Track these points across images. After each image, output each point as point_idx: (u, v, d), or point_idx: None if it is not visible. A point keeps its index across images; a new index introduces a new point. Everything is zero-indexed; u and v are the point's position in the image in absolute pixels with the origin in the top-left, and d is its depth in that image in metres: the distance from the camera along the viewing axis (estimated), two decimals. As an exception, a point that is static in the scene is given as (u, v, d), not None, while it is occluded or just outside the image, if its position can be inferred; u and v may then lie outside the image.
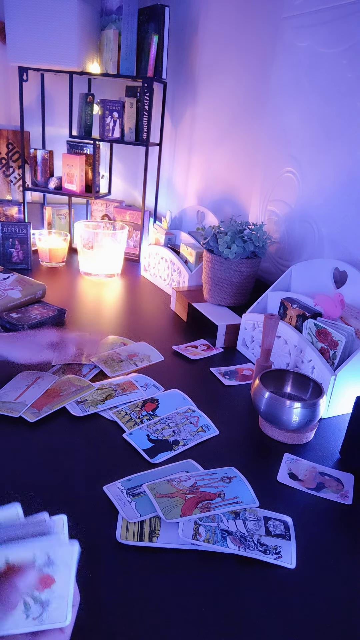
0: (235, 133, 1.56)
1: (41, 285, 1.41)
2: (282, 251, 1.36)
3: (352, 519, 0.72)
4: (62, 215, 2.00)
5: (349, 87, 1.08)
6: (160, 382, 1.02)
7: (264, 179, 1.40)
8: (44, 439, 0.82)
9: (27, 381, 0.97)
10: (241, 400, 1.00)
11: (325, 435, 0.91)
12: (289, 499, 0.74)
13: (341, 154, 1.12)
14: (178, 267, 1.52)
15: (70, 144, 1.89)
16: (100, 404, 0.92)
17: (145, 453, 0.81)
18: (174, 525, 0.66)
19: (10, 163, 2.00)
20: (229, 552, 0.63)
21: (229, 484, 0.74)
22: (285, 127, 1.30)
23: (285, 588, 0.60)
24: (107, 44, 1.65)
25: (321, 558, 0.65)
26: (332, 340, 0.95)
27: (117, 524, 0.66)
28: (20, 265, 1.68)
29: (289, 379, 0.96)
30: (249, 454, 0.84)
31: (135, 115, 1.74)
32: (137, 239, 1.90)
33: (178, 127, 1.90)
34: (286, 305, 1.11)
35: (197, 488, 0.72)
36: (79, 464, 0.77)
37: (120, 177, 2.25)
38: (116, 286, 1.63)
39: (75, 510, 0.68)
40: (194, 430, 0.88)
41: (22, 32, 1.61)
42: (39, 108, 1.98)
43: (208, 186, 1.74)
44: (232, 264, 1.25)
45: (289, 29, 1.24)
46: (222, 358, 1.18)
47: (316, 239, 1.23)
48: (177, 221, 1.81)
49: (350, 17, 1.06)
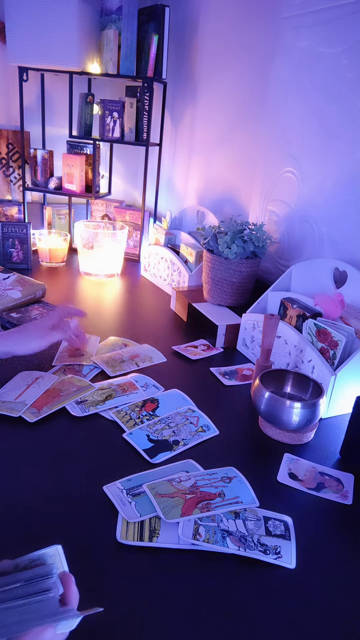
0: (235, 133, 1.56)
1: (41, 285, 1.41)
2: (282, 251, 1.36)
3: (352, 519, 0.72)
4: (62, 215, 2.00)
5: (349, 87, 1.08)
6: (160, 382, 1.02)
7: (264, 179, 1.40)
8: (44, 439, 0.82)
9: (27, 381, 0.97)
10: (241, 400, 1.00)
11: (325, 435, 0.91)
12: (289, 499, 0.74)
13: (341, 153, 1.12)
14: (178, 267, 1.52)
15: (70, 144, 1.89)
16: (100, 405, 0.92)
17: (145, 453, 0.81)
18: (174, 525, 0.66)
19: (10, 163, 2.00)
20: (229, 552, 0.63)
21: (229, 484, 0.74)
22: (285, 127, 1.30)
23: (285, 588, 0.60)
24: (107, 44, 1.65)
25: (321, 558, 0.65)
26: (332, 340, 0.95)
27: (117, 524, 0.66)
28: (20, 265, 1.68)
29: (289, 379, 0.96)
30: (249, 454, 0.84)
31: (135, 115, 1.74)
32: (137, 239, 1.90)
33: (178, 127, 1.90)
34: (286, 305, 1.11)
35: (197, 488, 0.72)
36: (79, 464, 0.77)
37: (120, 177, 2.25)
38: (116, 286, 1.63)
39: (75, 510, 0.68)
40: (194, 430, 0.88)
41: (22, 32, 1.61)
42: (39, 108, 1.98)
43: (208, 186, 1.74)
44: (232, 264, 1.25)
45: (288, 29, 1.24)
46: (222, 358, 1.18)
47: (316, 239, 1.23)
48: (177, 221, 1.81)
49: (350, 17, 1.06)
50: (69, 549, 0.62)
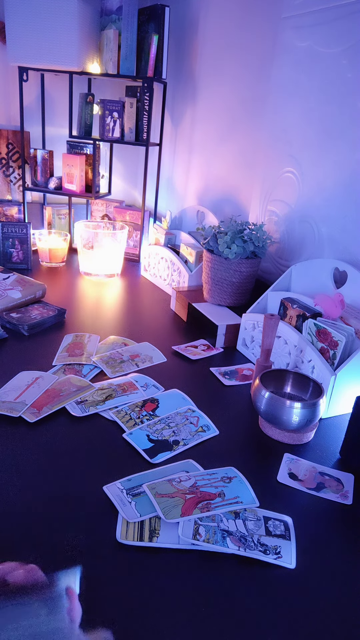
0: (235, 133, 1.56)
1: (41, 285, 1.41)
2: (282, 251, 1.36)
3: (352, 519, 0.72)
4: (62, 215, 2.00)
5: (349, 87, 1.08)
6: (160, 382, 1.02)
7: (264, 179, 1.40)
8: (44, 439, 0.82)
9: (27, 381, 0.97)
10: (241, 400, 1.00)
11: (325, 435, 0.91)
12: (289, 499, 0.74)
13: (341, 153, 1.12)
14: (178, 267, 1.52)
15: (70, 144, 1.89)
16: (100, 405, 0.92)
17: (145, 453, 0.81)
18: (174, 525, 0.66)
19: (10, 163, 2.00)
20: (229, 552, 0.63)
21: (229, 484, 0.74)
22: (285, 127, 1.30)
23: (285, 588, 0.60)
24: (107, 44, 1.65)
25: (321, 558, 0.65)
26: (332, 340, 0.95)
27: (117, 524, 0.66)
28: (20, 265, 1.68)
29: (289, 379, 0.96)
30: (249, 454, 0.84)
31: (135, 115, 1.74)
32: (137, 239, 1.90)
33: (178, 127, 1.90)
34: (286, 305, 1.11)
35: (197, 488, 0.72)
36: (79, 464, 0.77)
37: (120, 177, 2.25)
38: (116, 286, 1.63)
39: (75, 510, 0.68)
40: (194, 430, 0.88)
41: (22, 32, 1.61)
42: (39, 108, 1.98)
43: (208, 186, 1.74)
44: (232, 264, 1.25)
45: (288, 29, 1.24)
46: (222, 358, 1.18)
47: (316, 239, 1.23)
48: (177, 221, 1.81)
49: (350, 17, 1.06)
50: (69, 549, 0.62)
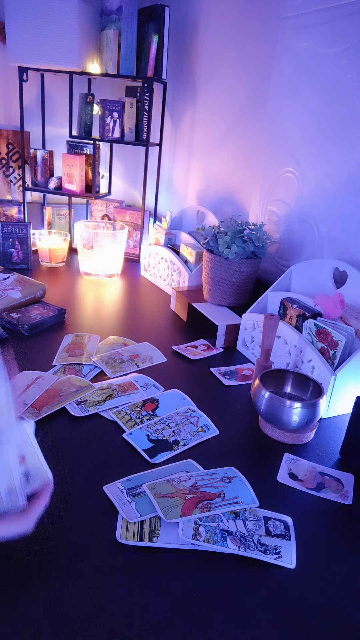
0: (235, 133, 1.56)
1: (41, 285, 1.41)
2: (282, 251, 1.36)
3: (352, 519, 0.72)
4: (62, 215, 2.00)
5: (349, 87, 1.08)
6: (160, 382, 1.02)
7: (264, 179, 1.40)
8: (44, 439, 0.82)
9: (27, 381, 0.97)
10: (241, 400, 1.00)
11: (325, 435, 0.91)
12: (289, 499, 0.74)
13: (341, 153, 1.12)
14: (178, 267, 1.52)
15: (70, 144, 1.89)
16: (100, 405, 0.92)
17: (145, 453, 0.81)
18: (174, 525, 0.66)
19: (10, 163, 2.00)
20: (229, 552, 0.63)
21: (229, 484, 0.74)
22: (285, 127, 1.30)
23: (285, 588, 0.60)
24: (107, 44, 1.65)
25: (321, 558, 0.65)
26: (332, 340, 0.95)
27: (117, 524, 0.66)
28: (20, 265, 1.68)
29: (289, 379, 0.96)
30: (249, 454, 0.84)
31: (135, 116, 1.74)
32: (137, 239, 1.90)
33: (178, 127, 1.90)
34: (286, 305, 1.11)
35: (197, 488, 0.72)
36: (78, 464, 0.77)
37: (120, 177, 2.25)
38: (116, 286, 1.63)
39: (75, 510, 0.68)
40: (194, 430, 0.88)
41: (22, 32, 1.61)
42: (39, 108, 1.98)
43: (208, 186, 1.74)
44: (232, 264, 1.25)
45: (288, 30, 1.24)
46: (222, 358, 1.18)
47: (316, 239, 1.23)
48: (177, 221, 1.81)
49: (349, 17, 1.06)
50: (69, 549, 0.62)
